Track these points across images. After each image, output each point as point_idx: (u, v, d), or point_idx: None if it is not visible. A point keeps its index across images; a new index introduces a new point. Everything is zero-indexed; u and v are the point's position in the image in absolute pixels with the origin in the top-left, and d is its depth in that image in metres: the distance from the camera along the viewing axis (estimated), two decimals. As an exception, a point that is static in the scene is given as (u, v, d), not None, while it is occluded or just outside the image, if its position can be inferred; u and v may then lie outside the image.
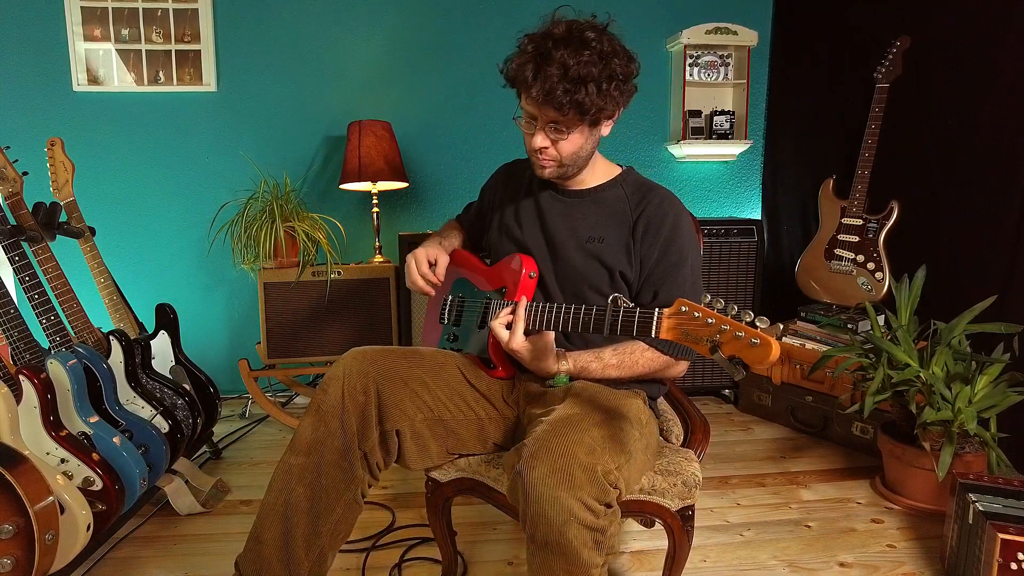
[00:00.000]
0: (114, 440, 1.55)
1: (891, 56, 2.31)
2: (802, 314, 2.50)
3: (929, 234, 2.27)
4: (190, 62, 2.70)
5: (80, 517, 1.35)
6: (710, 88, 2.95)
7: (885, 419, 2.04)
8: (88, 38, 2.64)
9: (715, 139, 2.91)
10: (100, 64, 2.66)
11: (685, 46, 2.84)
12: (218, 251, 2.70)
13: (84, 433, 1.53)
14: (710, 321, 0.92)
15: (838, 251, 2.46)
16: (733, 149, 2.96)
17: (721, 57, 2.92)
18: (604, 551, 1.02)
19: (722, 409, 2.76)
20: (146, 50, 2.68)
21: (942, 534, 1.70)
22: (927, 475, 1.82)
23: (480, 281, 1.45)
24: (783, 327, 0.93)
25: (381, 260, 2.61)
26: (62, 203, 1.95)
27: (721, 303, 0.93)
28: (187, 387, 1.98)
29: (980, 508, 1.46)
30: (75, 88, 2.66)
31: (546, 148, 1.26)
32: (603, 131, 1.30)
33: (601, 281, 1.33)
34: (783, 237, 2.99)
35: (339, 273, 2.47)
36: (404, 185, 2.68)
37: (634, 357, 1.30)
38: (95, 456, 1.48)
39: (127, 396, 1.77)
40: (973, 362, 1.79)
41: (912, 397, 1.81)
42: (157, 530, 1.79)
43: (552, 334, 1.25)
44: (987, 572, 1.39)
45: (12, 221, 1.71)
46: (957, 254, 2.16)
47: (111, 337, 1.81)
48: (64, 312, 1.74)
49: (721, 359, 0.90)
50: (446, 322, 1.50)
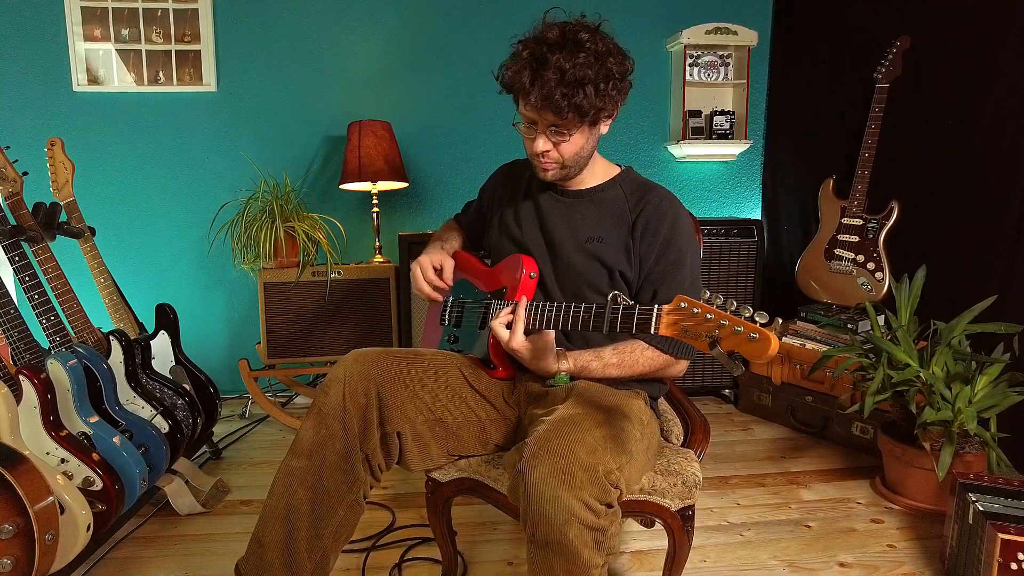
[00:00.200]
0: (114, 440, 1.55)
1: (891, 56, 2.31)
2: (802, 314, 2.50)
3: (929, 234, 2.27)
4: (190, 62, 2.70)
5: (80, 517, 1.35)
6: (710, 88, 2.95)
7: (885, 419, 2.04)
8: (88, 38, 2.64)
9: (715, 139, 2.91)
10: (100, 64, 2.67)
11: (685, 46, 2.84)
12: (218, 251, 2.70)
13: (84, 433, 1.53)
14: (709, 316, 0.92)
15: (838, 251, 2.46)
16: (733, 149, 2.96)
17: (721, 57, 2.92)
18: (605, 551, 1.02)
19: (722, 409, 2.76)
20: (146, 50, 2.68)
21: (942, 534, 1.70)
22: (927, 475, 1.82)
23: (480, 282, 1.45)
24: (781, 322, 0.93)
25: (381, 260, 2.61)
26: (62, 203, 1.95)
27: (720, 299, 0.93)
28: (187, 387, 1.98)
29: (980, 508, 1.46)
30: (75, 88, 2.66)
31: (548, 151, 1.26)
32: (602, 129, 1.30)
33: (601, 281, 1.34)
34: (783, 237, 2.99)
35: (339, 273, 2.47)
36: (404, 185, 2.68)
37: (634, 356, 1.30)
38: (95, 456, 1.47)
39: (127, 396, 1.77)
40: (973, 362, 1.79)
41: (912, 397, 1.81)
42: (157, 530, 1.79)
43: (552, 334, 1.25)
44: (987, 572, 1.39)
45: (12, 221, 1.71)
46: (957, 254, 2.16)
47: (111, 337, 1.81)
48: (64, 312, 1.74)
49: (720, 354, 0.90)
50: (447, 323, 1.50)
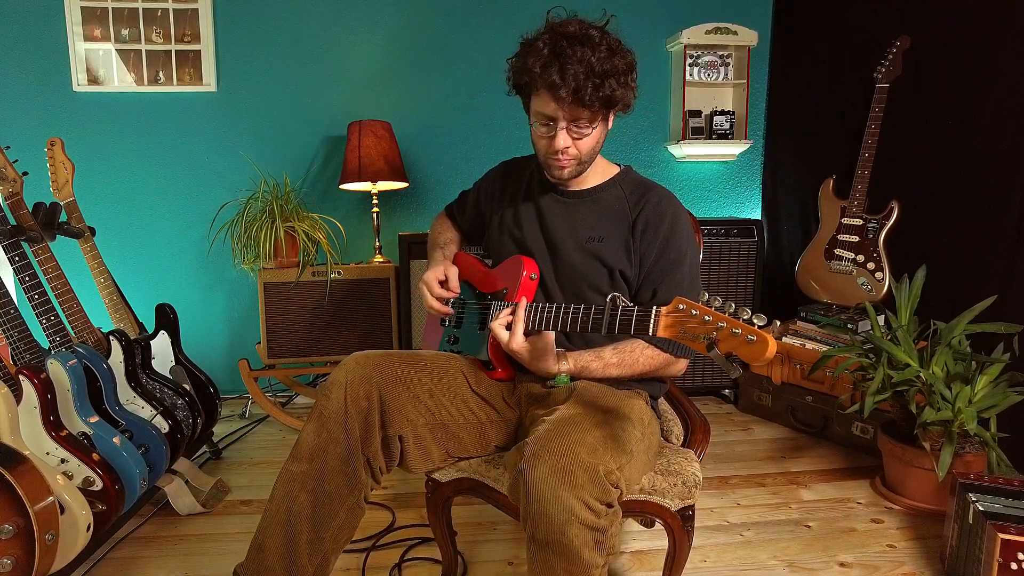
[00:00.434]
0: (114, 440, 1.55)
1: (891, 56, 2.31)
2: (802, 314, 2.50)
3: (929, 234, 2.27)
4: (190, 62, 2.70)
5: (80, 517, 1.35)
6: (710, 88, 2.95)
7: (885, 419, 2.04)
8: (88, 38, 2.64)
9: (715, 139, 2.91)
10: (100, 64, 2.66)
11: (685, 46, 2.84)
12: (218, 251, 2.70)
13: (84, 433, 1.53)
14: (707, 318, 0.92)
15: (838, 251, 2.46)
16: (733, 149, 2.96)
17: (721, 57, 2.92)
18: (605, 551, 1.02)
19: (722, 409, 2.76)
20: (146, 50, 2.68)
21: (942, 534, 1.70)
22: (927, 475, 1.82)
23: (481, 283, 1.45)
24: (780, 324, 0.92)
25: (381, 260, 2.61)
26: (62, 203, 1.95)
27: (719, 301, 0.93)
28: (187, 387, 1.98)
29: (980, 508, 1.46)
30: (75, 88, 2.66)
31: (567, 148, 1.26)
32: (609, 124, 1.31)
33: (601, 280, 1.34)
34: (783, 237, 2.99)
35: (339, 273, 2.46)
36: (404, 185, 2.68)
37: (634, 356, 1.30)
38: (95, 456, 1.47)
39: (127, 396, 1.77)
40: (973, 362, 1.79)
41: (912, 397, 1.81)
42: (157, 530, 1.79)
43: (552, 334, 1.25)
44: (987, 572, 1.39)
45: (12, 221, 1.71)
46: (957, 254, 2.16)
47: (111, 337, 1.81)
48: (64, 312, 1.74)
49: (718, 356, 0.90)
50: (447, 324, 1.50)
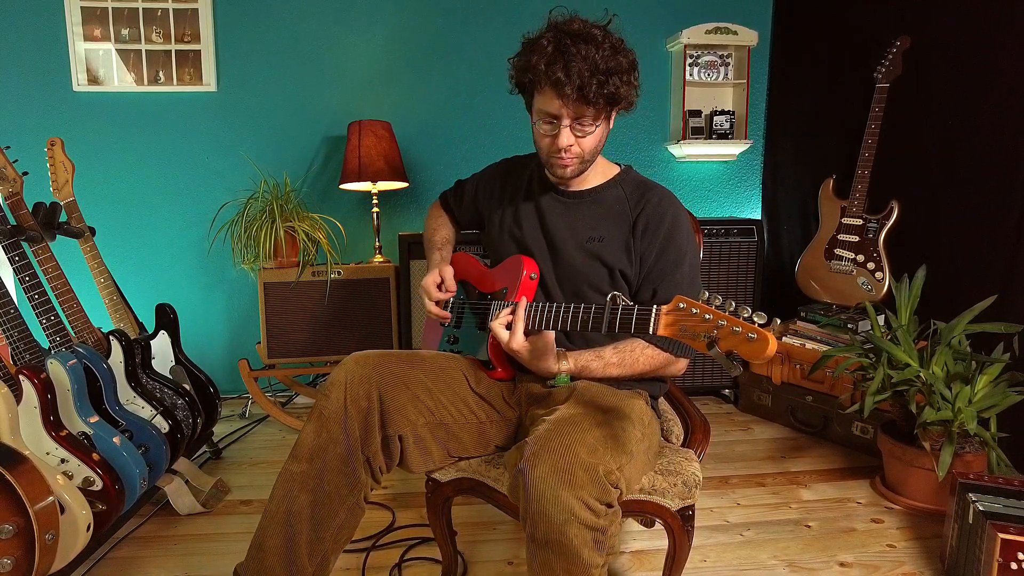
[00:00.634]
0: (114, 440, 1.55)
1: (891, 56, 2.31)
2: (802, 314, 2.50)
3: (929, 234, 2.27)
4: (190, 62, 2.70)
5: (80, 517, 1.35)
6: (710, 88, 2.95)
7: (885, 419, 2.04)
8: (88, 38, 2.64)
9: (715, 139, 2.91)
10: (100, 64, 2.66)
11: (685, 46, 2.84)
12: (218, 251, 2.70)
13: (84, 433, 1.53)
14: (707, 317, 0.92)
15: (838, 251, 2.46)
16: (733, 149, 2.96)
17: (721, 57, 2.92)
18: (604, 551, 1.02)
19: (722, 409, 2.76)
20: (146, 50, 2.68)
21: (942, 534, 1.70)
22: (927, 475, 1.82)
23: (480, 283, 1.45)
24: (780, 323, 0.92)
25: (381, 260, 2.61)
26: (62, 203, 1.95)
27: (719, 299, 0.93)
28: (187, 387, 1.98)
29: (980, 508, 1.46)
30: (75, 88, 2.66)
31: (571, 146, 1.26)
32: (611, 123, 1.31)
33: (601, 280, 1.34)
34: (783, 237, 2.99)
35: (339, 273, 2.47)
36: (404, 185, 2.68)
37: (634, 355, 1.30)
38: (95, 456, 1.47)
39: (127, 396, 1.77)
40: (973, 362, 1.79)
41: (912, 397, 1.81)
42: (157, 530, 1.79)
43: (552, 334, 1.25)
44: (987, 572, 1.39)
45: (12, 221, 1.71)
46: (957, 254, 2.16)
47: (111, 337, 1.81)
48: (64, 312, 1.74)
49: (718, 355, 0.90)
50: (446, 324, 1.50)
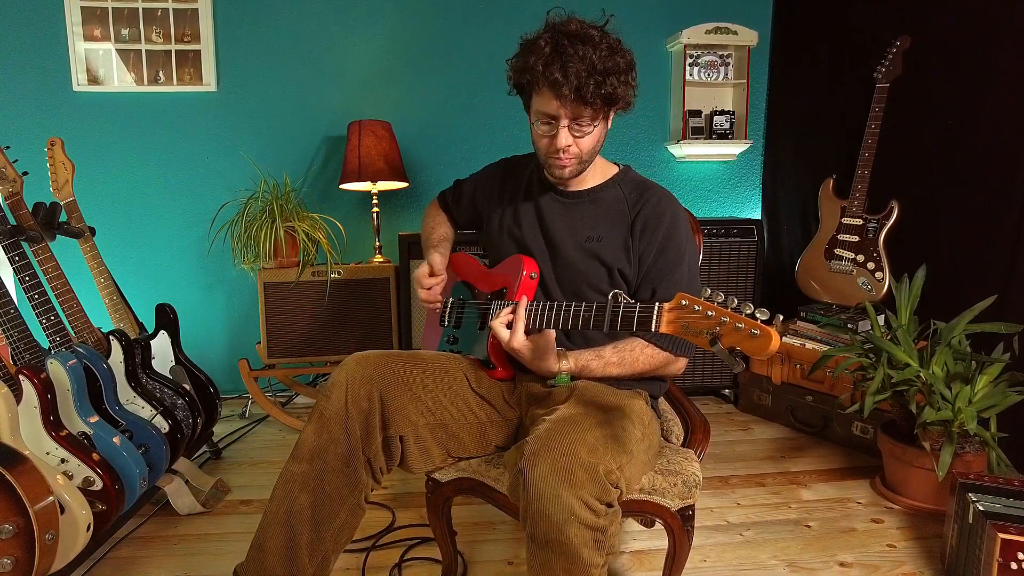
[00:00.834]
0: (114, 440, 1.55)
1: (891, 56, 2.31)
2: (802, 314, 2.50)
3: (929, 234, 2.27)
4: (190, 62, 2.70)
5: (80, 517, 1.35)
6: (710, 88, 2.95)
7: (885, 419, 2.04)
8: (88, 38, 2.64)
9: (715, 139, 2.91)
10: (100, 64, 2.66)
11: (685, 46, 2.84)
12: (218, 251, 2.70)
13: (84, 433, 1.53)
14: (710, 314, 0.92)
15: (838, 251, 2.46)
16: (733, 149, 2.96)
17: (721, 57, 2.92)
18: (604, 551, 1.02)
19: (722, 409, 2.76)
20: (146, 50, 2.68)
21: (942, 534, 1.70)
22: (927, 475, 1.82)
23: (481, 283, 1.46)
24: (782, 318, 0.92)
25: (381, 260, 2.61)
26: (62, 203, 1.95)
27: (721, 296, 0.93)
28: (187, 387, 1.98)
29: (980, 508, 1.46)
30: (75, 88, 2.66)
31: (569, 147, 1.26)
32: (609, 123, 1.31)
33: (600, 280, 1.34)
34: (783, 237, 2.99)
35: (339, 273, 2.47)
36: (404, 185, 2.68)
37: (634, 354, 1.30)
38: (95, 456, 1.47)
39: (127, 396, 1.76)
40: (973, 362, 1.79)
41: (912, 397, 1.81)
42: (157, 530, 1.79)
43: (553, 333, 1.25)
44: (987, 572, 1.39)
45: (12, 221, 1.71)
46: (957, 254, 2.16)
47: (111, 337, 1.81)
48: (64, 312, 1.74)
49: (721, 351, 0.90)
50: (446, 324, 1.50)
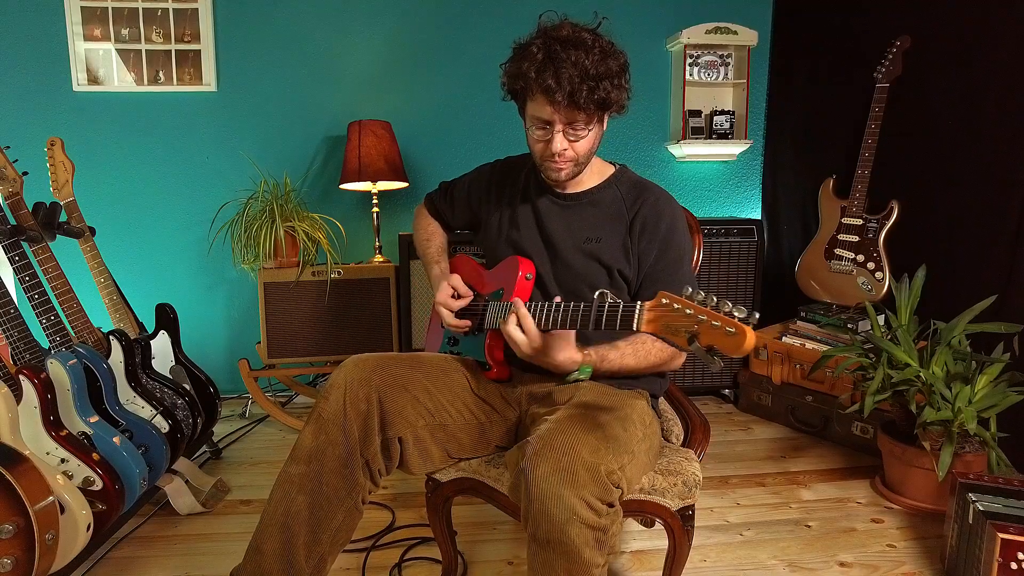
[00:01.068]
0: (114, 440, 1.55)
1: (891, 56, 2.31)
2: (802, 314, 2.50)
3: (929, 234, 2.27)
4: (190, 62, 2.70)
5: (80, 517, 1.35)
6: (710, 88, 2.95)
7: (885, 419, 2.04)
8: (88, 38, 2.64)
9: (715, 139, 2.91)
10: (100, 64, 2.66)
11: (685, 46, 2.84)
12: (218, 251, 2.70)
13: (84, 433, 1.53)
14: (689, 312, 0.92)
15: (838, 251, 2.46)
16: (733, 149, 2.96)
17: (721, 57, 2.92)
18: (605, 551, 1.02)
19: (722, 409, 2.76)
20: (146, 50, 2.68)
21: (942, 534, 1.70)
22: (927, 475, 1.82)
23: (478, 285, 1.46)
24: (758, 315, 0.92)
25: (381, 260, 2.61)
26: (62, 203, 1.95)
27: (701, 295, 0.93)
28: (187, 387, 1.98)
29: (980, 508, 1.46)
30: (75, 88, 2.66)
31: (565, 151, 1.26)
32: (604, 125, 1.31)
33: (600, 280, 1.34)
34: (783, 237, 2.99)
35: (339, 273, 2.46)
36: (404, 185, 2.68)
37: (646, 347, 1.30)
38: (95, 456, 1.47)
39: (127, 396, 1.77)
40: (973, 362, 1.79)
41: (912, 397, 1.81)
42: (157, 530, 1.79)
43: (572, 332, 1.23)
44: (987, 572, 1.39)
45: (12, 221, 1.71)
46: (957, 254, 2.16)
47: (111, 337, 1.81)
48: (64, 312, 1.74)
49: (698, 349, 0.90)
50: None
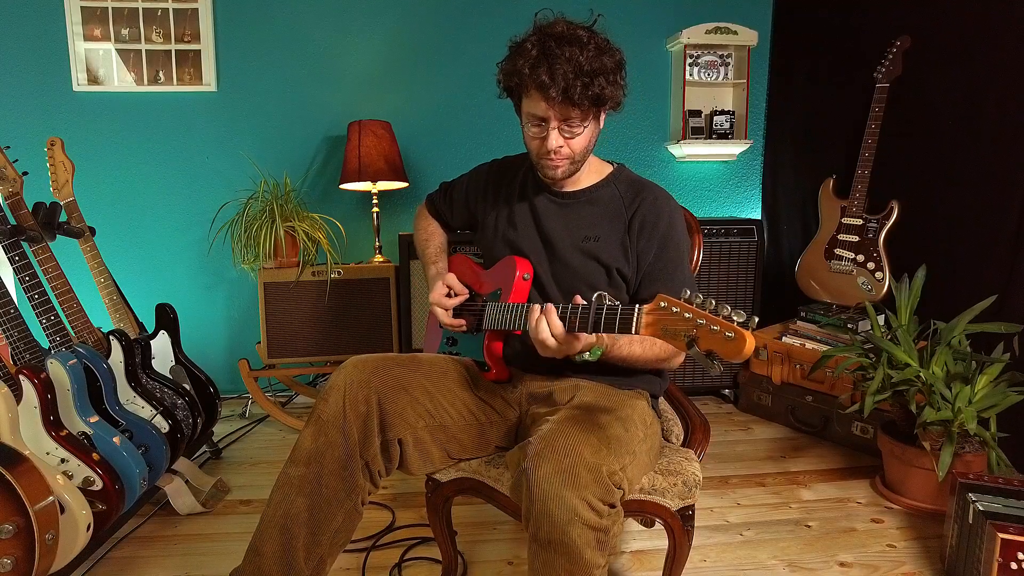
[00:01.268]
0: (114, 440, 1.55)
1: (891, 56, 2.31)
2: (802, 314, 2.50)
3: (929, 234, 2.27)
4: (190, 62, 2.70)
5: (80, 517, 1.35)
6: (710, 88, 2.95)
7: (885, 419, 2.04)
8: (88, 38, 2.64)
9: (715, 139, 2.91)
10: (100, 64, 2.66)
11: (685, 46, 2.84)
12: (218, 251, 2.70)
13: (84, 433, 1.53)
14: (687, 316, 0.92)
15: (838, 251, 2.46)
16: (733, 149, 2.96)
17: (721, 57, 2.92)
18: (607, 551, 1.02)
19: (722, 409, 2.76)
20: (146, 50, 2.68)
21: (942, 534, 1.70)
22: (927, 475, 1.82)
23: (476, 285, 1.46)
24: (757, 319, 0.91)
25: (381, 260, 2.61)
26: (62, 203, 1.95)
27: (700, 298, 0.92)
28: (187, 387, 1.98)
29: (980, 508, 1.46)
30: (75, 88, 2.66)
31: (561, 148, 1.26)
32: (601, 123, 1.31)
33: (599, 280, 1.33)
34: (783, 237, 2.99)
35: (339, 273, 2.46)
36: (404, 185, 2.68)
37: (651, 338, 1.30)
38: (95, 456, 1.47)
39: (127, 396, 1.77)
40: (973, 362, 1.79)
41: (912, 397, 1.81)
42: (157, 530, 1.79)
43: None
44: (987, 572, 1.39)
45: (12, 221, 1.71)
46: (957, 254, 2.16)
47: (111, 337, 1.81)
48: (64, 312, 1.74)
49: (697, 354, 0.90)
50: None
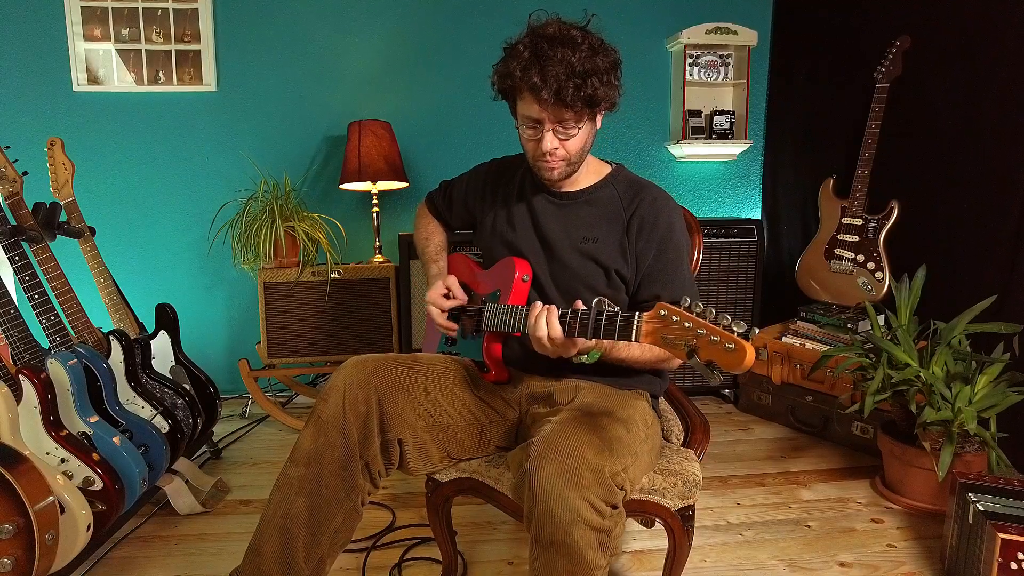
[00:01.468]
0: (114, 440, 1.55)
1: (891, 56, 2.31)
2: (802, 314, 2.50)
3: (929, 234, 2.27)
4: (190, 62, 2.70)
5: (80, 517, 1.35)
6: (710, 88, 2.95)
7: (885, 419, 2.04)
8: (88, 38, 2.64)
9: (715, 139, 2.90)
10: (100, 64, 2.66)
11: (685, 46, 2.84)
12: (218, 251, 2.70)
13: (84, 433, 1.53)
14: (687, 325, 0.91)
15: (838, 251, 2.46)
16: (733, 149, 2.96)
17: (721, 57, 2.92)
18: (608, 552, 1.02)
19: (722, 409, 2.76)
20: (146, 50, 2.68)
21: (942, 534, 1.70)
22: (927, 475, 1.82)
23: (475, 285, 1.46)
24: (758, 331, 0.91)
25: (381, 260, 2.61)
26: (62, 203, 1.95)
27: (700, 306, 0.91)
28: (187, 387, 1.98)
29: (980, 508, 1.46)
30: (75, 88, 2.66)
31: (556, 149, 1.25)
32: (598, 123, 1.30)
33: (597, 281, 1.33)
34: (783, 237, 2.99)
35: (339, 273, 2.46)
36: (404, 185, 2.68)
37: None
38: (95, 456, 1.47)
39: (127, 396, 1.77)
40: (973, 362, 1.79)
41: (912, 397, 1.81)
42: (157, 530, 1.79)
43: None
44: (987, 572, 1.39)
45: (12, 221, 1.71)
46: (957, 254, 2.16)
47: (111, 337, 1.81)
48: (64, 312, 1.74)
49: (697, 364, 0.89)
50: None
